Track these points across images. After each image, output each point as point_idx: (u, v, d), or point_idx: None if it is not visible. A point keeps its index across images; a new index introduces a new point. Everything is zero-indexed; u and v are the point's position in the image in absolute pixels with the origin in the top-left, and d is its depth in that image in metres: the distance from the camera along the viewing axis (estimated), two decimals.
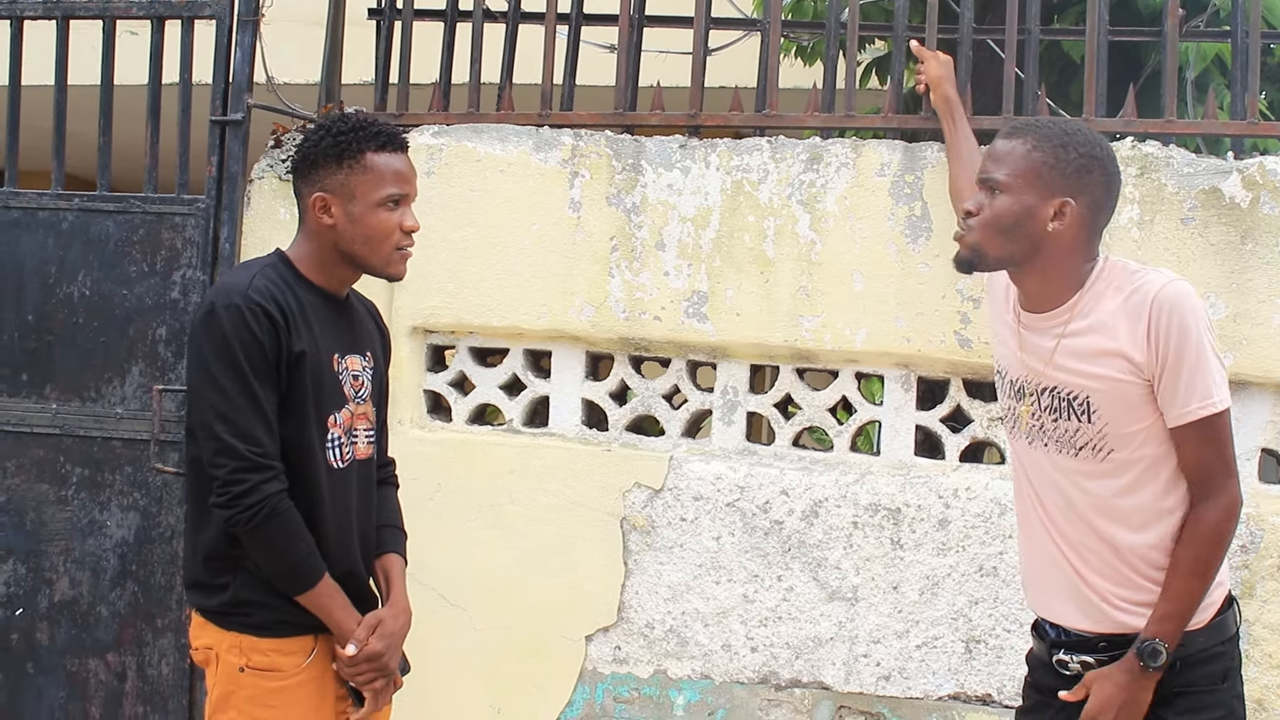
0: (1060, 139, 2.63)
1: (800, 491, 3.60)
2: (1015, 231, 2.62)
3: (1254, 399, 3.46)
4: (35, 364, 3.96)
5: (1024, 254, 2.64)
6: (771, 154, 3.66)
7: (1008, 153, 2.64)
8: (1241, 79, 3.58)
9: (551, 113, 3.85)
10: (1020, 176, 2.61)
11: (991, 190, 2.64)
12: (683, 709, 3.67)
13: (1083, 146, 2.63)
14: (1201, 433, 2.58)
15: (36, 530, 3.94)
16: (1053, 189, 2.61)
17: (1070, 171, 2.61)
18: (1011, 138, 2.65)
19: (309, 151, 2.78)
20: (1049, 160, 2.62)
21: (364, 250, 2.76)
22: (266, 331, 2.63)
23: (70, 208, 3.95)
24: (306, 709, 2.74)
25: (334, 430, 2.75)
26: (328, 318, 2.78)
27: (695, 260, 3.69)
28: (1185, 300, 2.55)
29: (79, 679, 3.92)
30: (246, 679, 2.70)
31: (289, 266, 2.78)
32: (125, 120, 4.14)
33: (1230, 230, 3.43)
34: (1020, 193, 2.61)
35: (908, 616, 3.55)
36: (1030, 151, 2.62)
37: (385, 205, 2.75)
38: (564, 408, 3.84)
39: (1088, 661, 2.67)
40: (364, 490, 2.86)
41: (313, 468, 2.72)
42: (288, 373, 2.67)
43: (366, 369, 2.85)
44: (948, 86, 3.56)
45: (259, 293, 2.65)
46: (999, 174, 2.63)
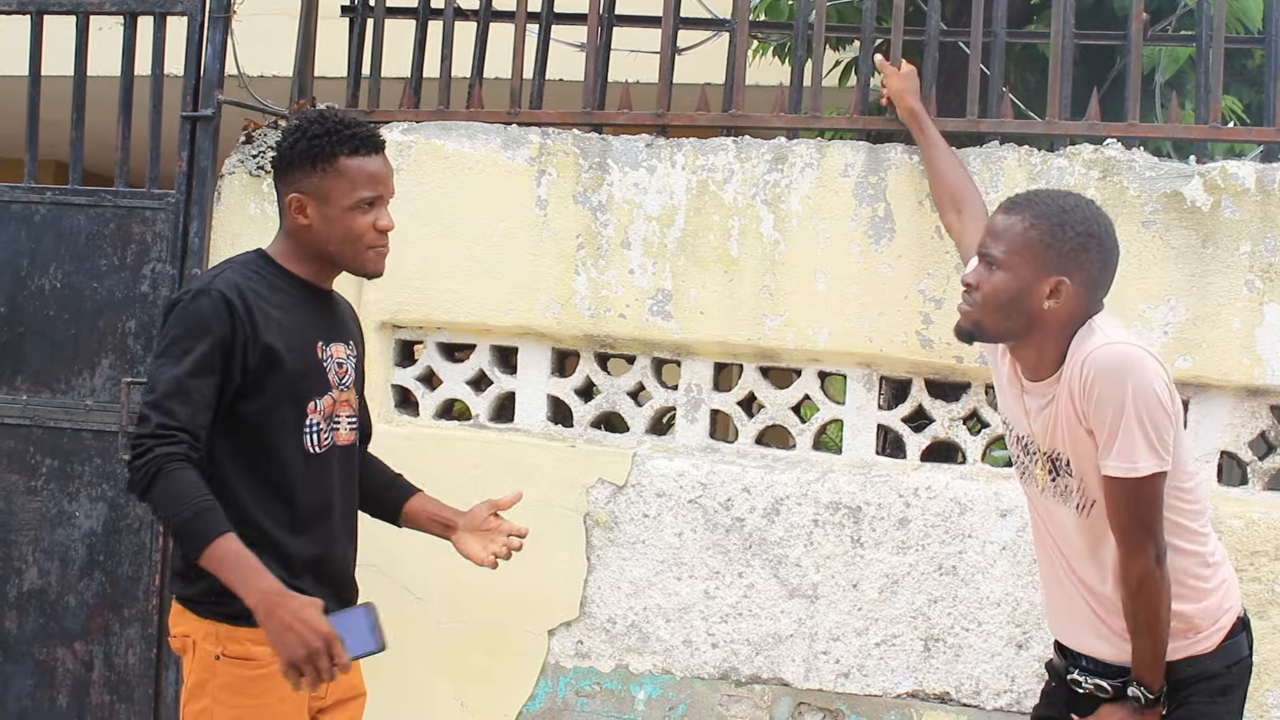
0: (1058, 217, 2.68)
1: (762, 489, 3.63)
2: (1012, 308, 2.69)
3: (1213, 402, 3.49)
4: (6, 356, 4.00)
5: (1021, 329, 2.70)
6: (737, 154, 3.69)
7: (1006, 229, 2.70)
8: (1205, 83, 3.60)
9: (520, 111, 3.88)
10: (1017, 254, 2.67)
11: (990, 265, 2.70)
12: (644, 704, 3.70)
13: (1080, 225, 2.68)
14: (1120, 491, 2.64)
15: (6, 520, 3.98)
16: (1048, 268, 2.66)
17: (1067, 250, 2.66)
18: (1010, 213, 2.71)
19: (285, 153, 2.82)
20: (1045, 239, 2.67)
21: (339, 250, 2.81)
22: (222, 319, 2.66)
23: (42, 201, 3.98)
24: (280, 697, 2.75)
25: (313, 416, 2.79)
26: (311, 307, 2.84)
27: (660, 259, 3.71)
28: (1114, 363, 2.60)
29: (47, 667, 3.96)
30: (222, 667, 2.73)
31: (268, 261, 2.84)
32: (100, 110, 4.16)
33: (1191, 234, 3.45)
34: (1017, 270, 2.67)
35: (867, 614, 3.58)
36: (1028, 230, 2.67)
37: (359, 208, 2.78)
38: (530, 404, 3.86)
39: (1100, 685, 2.76)
40: (346, 476, 2.90)
41: (288, 452, 2.76)
42: (256, 361, 2.70)
43: (350, 357, 2.90)
44: (910, 100, 3.56)
45: (224, 283, 2.71)
46: (996, 250, 2.69)
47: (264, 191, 3.92)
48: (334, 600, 2.77)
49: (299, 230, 2.81)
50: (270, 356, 2.72)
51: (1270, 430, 3.48)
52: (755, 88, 3.98)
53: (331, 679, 2.63)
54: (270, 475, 2.74)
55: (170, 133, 3.93)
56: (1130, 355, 2.61)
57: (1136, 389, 2.57)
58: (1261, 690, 3.36)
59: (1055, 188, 3.46)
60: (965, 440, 3.64)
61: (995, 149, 3.57)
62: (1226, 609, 2.74)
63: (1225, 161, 3.49)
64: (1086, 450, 2.67)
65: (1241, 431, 3.48)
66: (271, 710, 2.76)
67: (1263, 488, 3.49)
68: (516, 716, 3.76)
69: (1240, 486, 3.52)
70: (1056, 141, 3.62)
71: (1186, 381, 3.46)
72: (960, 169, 3.45)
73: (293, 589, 2.65)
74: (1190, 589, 2.71)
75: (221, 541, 2.58)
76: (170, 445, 2.60)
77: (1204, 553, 2.74)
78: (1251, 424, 3.48)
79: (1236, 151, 4.58)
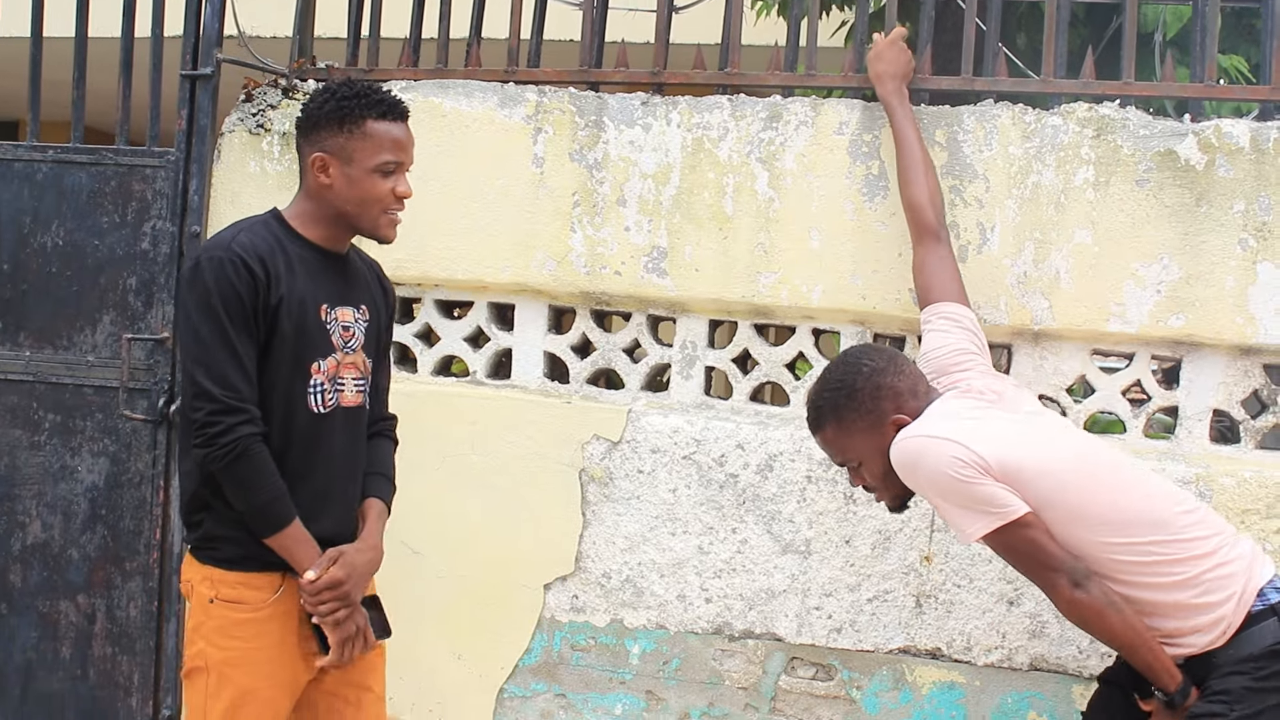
0: (843, 396, 2.96)
1: (756, 445, 3.65)
2: (891, 473, 2.93)
3: (1206, 360, 3.49)
4: (10, 312, 4.03)
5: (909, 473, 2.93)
6: (732, 112, 3.69)
7: (830, 442, 3.04)
8: (1200, 41, 3.59)
9: (518, 69, 3.89)
10: (855, 446, 2.99)
11: (851, 469, 3.03)
12: (638, 658, 3.73)
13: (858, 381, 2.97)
14: (993, 550, 2.90)
15: (10, 475, 4.02)
16: (877, 426, 2.94)
17: (871, 404, 2.94)
18: (818, 430, 3.04)
19: (313, 112, 2.92)
20: (855, 417, 2.96)
21: (355, 211, 2.91)
22: (245, 283, 2.77)
23: (44, 159, 4.01)
24: (271, 642, 2.87)
25: (317, 376, 2.89)
26: (319, 270, 2.93)
27: (655, 216, 3.73)
28: (901, 461, 2.89)
29: (50, 620, 4.01)
30: (215, 610, 2.85)
31: (281, 223, 2.94)
32: (103, 71, 4.18)
33: (1185, 192, 3.45)
34: (868, 453, 2.97)
35: (859, 570, 3.60)
36: (839, 426, 2.98)
37: (380, 171, 2.90)
38: (527, 360, 3.89)
39: None
40: (350, 436, 3.00)
41: (292, 411, 2.87)
42: (268, 321, 2.81)
43: (359, 321, 2.99)
44: (886, 87, 3.52)
45: (241, 247, 2.81)
46: (845, 457, 3.03)
47: (263, 150, 3.94)
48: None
49: (320, 190, 2.91)
50: (278, 318, 2.82)
51: (1263, 389, 3.48)
52: (752, 47, 3.98)
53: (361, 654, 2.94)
54: (275, 430, 2.84)
55: (171, 92, 3.95)
56: (909, 450, 2.87)
57: (926, 477, 2.84)
58: None
59: (1049, 149, 3.47)
60: None
61: (990, 108, 3.57)
62: (1225, 599, 2.81)
63: (1220, 120, 3.48)
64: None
65: (1234, 390, 3.48)
66: (262, 654, 2.86)
67: (1255, 446, 3.49)
68: (512, 670, 3.80)
69: (1233, 445, 3.52)
70: (1052, 100, 3.61)
71: (1179, 340, 3.46)
72: (917, 184, 3.41)
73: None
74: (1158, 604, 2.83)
75: (295, 526, 2.81)
76: (250, 425, 2.78)
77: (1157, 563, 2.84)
78: (1244, 382, 3.48)
79: (1244, 111, 4.56)
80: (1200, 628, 2.80)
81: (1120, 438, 3.56)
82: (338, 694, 3.01)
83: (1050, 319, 3.49)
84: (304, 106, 2.94)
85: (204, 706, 2.85)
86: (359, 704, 3.04)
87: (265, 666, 2.85)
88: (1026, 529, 2.78)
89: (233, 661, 2.83)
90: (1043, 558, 2.80)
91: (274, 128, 3.95)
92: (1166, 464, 3.43)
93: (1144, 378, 3.55)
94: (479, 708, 3.82)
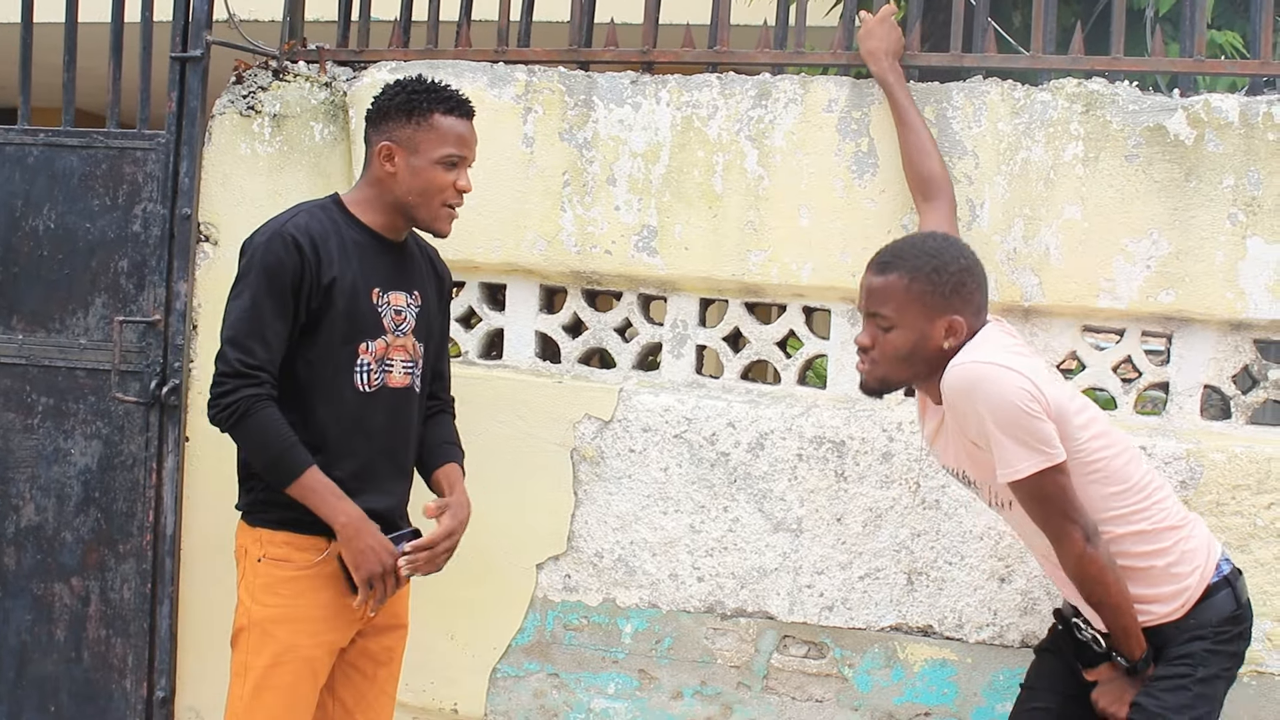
0: (932, 264, 2.82)
1: (747, 424, 3.65)
2: (914, 358, 2.85)
3: (1196, 336, 3.48)
4: (2, 296, 4.04)
5: (926, 372, 2.86)
6: (721, 90, 3.69)
7: (885, 288, 2.84)
8: (1190, 15, 3.58)
9: (508, 49, 3.89)
10: (906, 311, 2.82)
11: (881, 326, 2.84)
12: (630, 637, 3.74)
13: (952, 265, 2.83)
14: (1021, 493, 2.79)
15: (4, 457, 4.03)
16: (938, 311, 2.82)
17: (949, 291, 2.82)
18: (886, 272, 2.84)
19: (383, 104, 3.06)
20: (927, 288, 2.82)
21: (416, 201, 3.04)
22: (292, 260, 2.90)
23: (36, 142, 4.01)
24: (314, 601, 2.98)
25: (364, 356, 3.00)
26: (373, 255, 3.05)
27: (645, 195, 3.73)
28: (961, 386, 2.76)
29: (44, 602, 4.02)
30: (262, 568, 2.97)
31: (340, 207, 3.07)
32: (95, 57, 4.19)
33: (1174, 167, 3.44)
34: (909, 325, 2.82)
35: (851, 548, 3.60)
36: (909, 285, 2.82)
37: (444, 164, 3.03)
38: (518, 340, 3.89)
39: (1098, 636, 2.92)
40: (394, 416, 3.09)
41: (338, 388, 2.98)
42: (318, 300, 2.93)
43: (411, 306, 3.11)
44: (881, 64, 3.52)
45: (295, 227, 2.94)
46: (885, 310, 2.83)
47: (254, 131, 3.95)
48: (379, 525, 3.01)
49: (383, 179, 3.03)
50: (326, 297, 2.93)
51: (1253, 364, 3.47)
52: (740, 27, 3.98)
53: (392, 594, 3.01)
54: (319, 407, 2.96)
55: (162, 75, 3.95)
56: (973, 374, 2.75)
57: (989, 404, 2.72)
58: None
59: (1038, 124, 3.46)
60: None
61: (979, 84, 3.56)
62: (1192, 570, 2.85)
63: (1209, 95, 3.47)
64: (976, 459, 2.84)
65: (1225, 365, 3.48)
66: (304, 613, 2.98)
67: (1245, 422, 3.49)
68: (505, 649, 3.81)
69: (1223, 420, 3.52)
70: (1041, 76, 3.60)
71: (1169, 316, 3.46)
72: (930, 154, 3.42)
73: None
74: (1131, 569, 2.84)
75: (310, 474, 2.90)
76: (254, 386, 2.88)
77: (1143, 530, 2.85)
78: (1234, 358, 3.47)
79: (1239, 87, 4.55)
80: (1162, 597, 2.83)
81: (1111, 414, 3.55)
82: (356, 665, 3.13)
83: (1040, 295, 3.49)
84: (375, 99, 3.07)
85: (246, 662, 2.96)
86: (374, 678, 3.16)
87: (308, 625, 2.96)
88: (1063, 475, 2.75)
89: (275, 619, 2.94)
90: (1067, 507, 2.76)
91: (264, 110, 3.95)
92: (1157, 440, 3.42)
93: (1134, 354, 3.54)
94: (472, 688, 3.83)
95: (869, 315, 2.88)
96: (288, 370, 2.95)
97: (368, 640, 3.12)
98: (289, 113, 3.95)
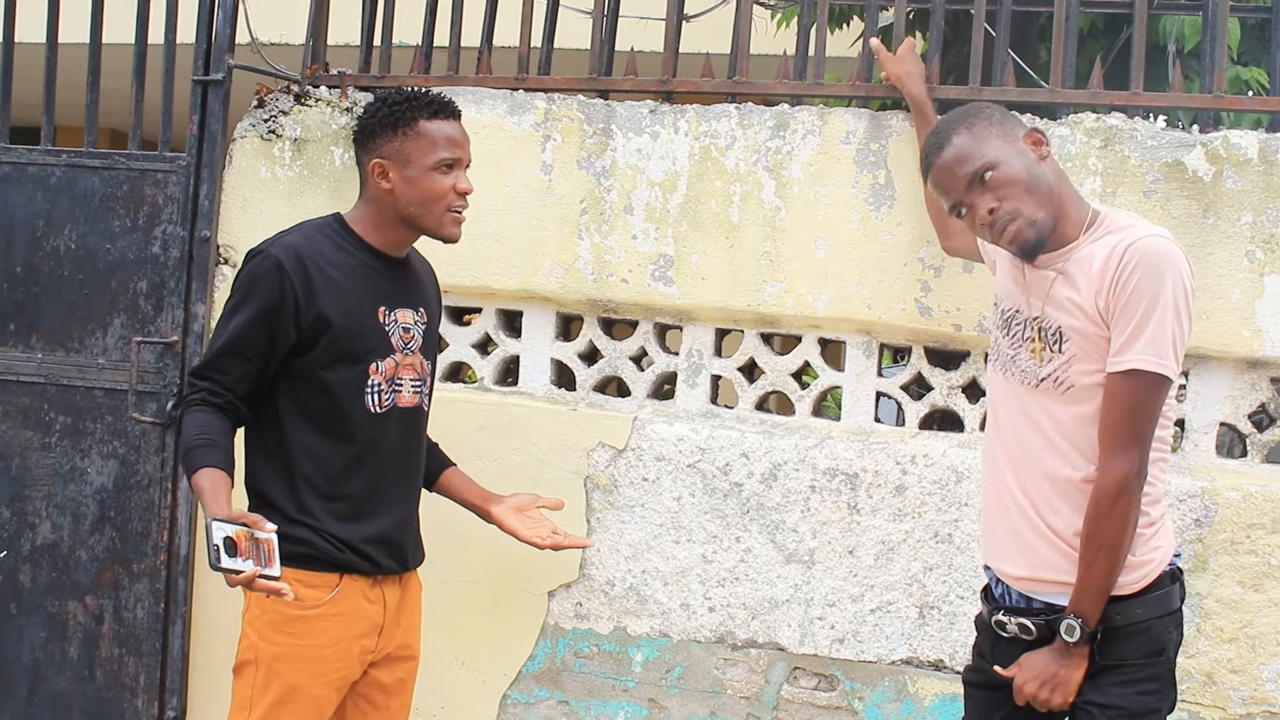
0: (973, 112, 2.77)
1: (760, 454, 3.65)
2: (1032, 182, 2.68)
3: (1213, 373, 3.47)
4: (22, 315, 4.07)
5: (1049, 200, 2.70)
6: (739, 120, 3.70)
7: (963, 154, 2.70)
8: (1210, 52, 3.57)
9: (528, 77, 3.90)
10: (989, 152, 2.68)
11: (985, 184, 2.68)
12: (641, 665, 3.73)
13: (987, 108, 2.79)
14: (1128, 390, 2.59)
15: (21, 475, 4.05)
16: (1014, 137, 2.72)
17: (1003, 124, 2.74)
18: (951, 145, 2.71)
19: (367, 122, 3.01)
20: (989, 127, 2.73)
21: (419, 211, 2.98)
22: (274, 281, 2.87)
23: (58, 163, 4.04)
24: (324, 641, 2.94)
25: (375, 377, 2.96)
26: (378, 274, 3.01)
27: (662, 224, 3.73)
28: (1159, 255, 2.58)
29: (59, 620, 4.04)
30: (270, 604, 2.91)
31: (343, 226, 3.03)
32: (117, 77, 4.22)
33: (1192, 204, 3.43)
34: (1002, 154, 2.69)
35: (863, 581, 3.59)
36: (975, 135, 2.71)
37: (439, 169, 2.97)
38: (534, 367, 3.90)
39: (1025, 624, 2.75)
40: (406, 436, 3.07)
41: (349, 411, 2.95)
42: (310, 323, 2.89)
43: (418, 323, 3.07)
44: (912, 86, 3.52)
45: (284, 246, 2.92)
46: (975, 167, 2.68)
47: (274, 155, 3.97)
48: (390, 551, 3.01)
49: (381, 196, 2.99)
50: (324, 319, 2.89)
51: (1270, 402, 3.46)
52: (760, 56, 3.99)
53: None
54: (331, 429, 2.94)
55: (184, 97, 3.98)
56: (1174, 252, 2.61)
57: (1175, 284, 2.57)
58: (1256, 664, 3.36)
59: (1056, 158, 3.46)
60: (964, 409, 3.64)
61: None
62: (1157, 547, 2.72)
63: (1228, 131, 3.47)
64: (1086, 333, 2.65)
65: (1241, 403, 3.46)
66: (312, 653, 2.93)
67: (1261, 460, 3.47)
68: (516, 676, 3.81)
69: (1239, 459, 3.50)
70: (1060, 110, 3.60)
71: (1186, 353, 3.42)
72: None
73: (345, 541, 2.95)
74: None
75: (195, 478, 2.84)
76: (196, 391, 2.90)
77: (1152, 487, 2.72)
78: (1251, 396, 3.46)
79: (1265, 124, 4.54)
80: (1131, 564, 2.68)
81: None
82: (367, 696, 3.09)
83: None
84: (359, 119, 3.04)
85: (250, 699, 2.93)
86: (385, 709, 3.12)
87: (315, 665, 2.92)
88: (1165, 395, 2.61)
89: (283, 657, 2.90)
90: (1148, 430, 2.60)
91: (285, 134, 3.98)
92: (1172, 477, 3.40)
93: None
94: (483, 714, 3.83)
95: (974, 183, 2.69)
96: (297, 392, 2.93)
97: (379, 671, 3.08)
98: (310, 137, 3.97)
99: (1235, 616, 3.36)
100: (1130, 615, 2.69)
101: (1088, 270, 2.66)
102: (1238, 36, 5.18)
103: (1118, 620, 2.69)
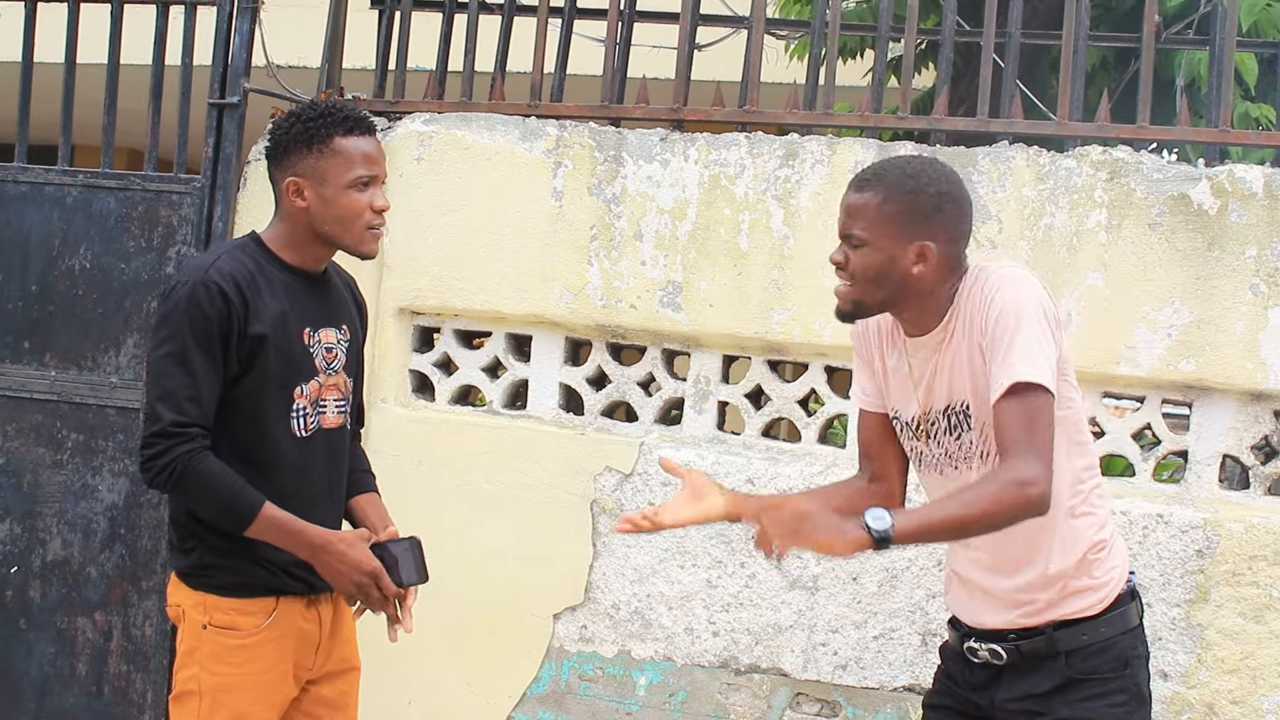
0: (910, 184, 2.68)
1: (766, 480, 3.67)
2: (883, 280, 2.68)
3: (1217, 405, 3.49)
4: (37, 333, 4.11)
5: (897, 295, 2.70)
6: (749, 149, 3.73)
7: (861, 206, 2.69)
8: (1217, 86, 3.61)
9: (540, 104, 3.95)
10: (877, 230, 2.67)
11: (853, 245, 2.70)
12: (645, 689, 3.75)
13: (930, 187, 2.68)
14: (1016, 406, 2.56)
15: (32, 492, 4.09)
16: (910, 235, 2.66)
17: (924, 215, 2.66)
18: (863, 190, 2.70)
19: (281, 139, 2.90)
20: (902, 209, 2.67)
21: (337, 230, 2.88)
22: (218, 309, 2.75)
23: (74, 184, 4.09)
24: (263, 667, 2.88)
25: (299, 401, 2.88)
26: (300, 293, 2.91)
27: (671, 251, 3.77)
28: (1011, 281, 2.61)
29: (68, 636, 4.07)
30: (208, 636, 2.85)
31: (261, 246, 2.91)
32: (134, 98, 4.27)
33: (1197, 237, 3.46)
34: (879, 245, 2.67)
35: (866, 607, 3.61)
36: (882, 204, 2.67)
37: (355, 186, 2.86)
38: (542, 391, 3.93)
39: (995, 650, 2.75)
40: (331, 457, 2.99)
41: (275, 436, 2.85)
42: (247, 348, 2.79)
43: (341, 342, 2.97)
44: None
45: (218, 272, 2.78)
46: (856, 229, 2.69)
47: None
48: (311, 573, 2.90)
49: (296, 214, 2.89)
50: (258, 343, 2.80)
51: (1273, 435, 3.48)
52: (770, 85, 4.02)
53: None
54: (258, 456, 2.83)
55: (199, 119, 4.03)
56: (1026, 276, 2.63)
57: (1033, 295, 2.58)
58: (1257, 695, 3.37)
59: (1062, 191, 3.49)
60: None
61: (1004, 149, 3.59)
62: (1114, 567, 2.71)
63: (1233, 165, 3.50)
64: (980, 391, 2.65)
65: (1244, 435, 3.49)
66: (254, 679, 2.87)
67: (1264, 492, 3.49)
68: (520, 698, 3.83)
69: (1241, 490, 3.52)
70: (1067, 143, 3.63)
71: (1190, 384, 3.47)
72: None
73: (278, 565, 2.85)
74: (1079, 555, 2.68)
75: (265, 511, 2.77)
76: (186, 442, 2.74)
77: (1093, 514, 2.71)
78: (1254, 428, 3.48)
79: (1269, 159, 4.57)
80: (1091, 587, 2.68)
81: (1130, 481, 3.57)
82: (311, 714, 3.02)
83: None
84: (270, 134, 2.93)
85: None
86: (350, 681, 3.06)
87: (257, 691, 2.87)
88: (1051, 410, 2.57)
89: (226, 687, 2.84)
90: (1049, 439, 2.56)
91: None
92: (1175, 508, 3.43)
93: (1154, 421, 3.56)
94: None
95: (844, 236, 2.73)
96: (223, 421, 2.83)
97: (322, 687, 3.03)
98: None
99: (1237, 648, 3.38)
100: (1096, 635, 2.70)
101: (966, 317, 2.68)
102: (1255, 73, 5.20)
103: (1084, 640, 2.70)
